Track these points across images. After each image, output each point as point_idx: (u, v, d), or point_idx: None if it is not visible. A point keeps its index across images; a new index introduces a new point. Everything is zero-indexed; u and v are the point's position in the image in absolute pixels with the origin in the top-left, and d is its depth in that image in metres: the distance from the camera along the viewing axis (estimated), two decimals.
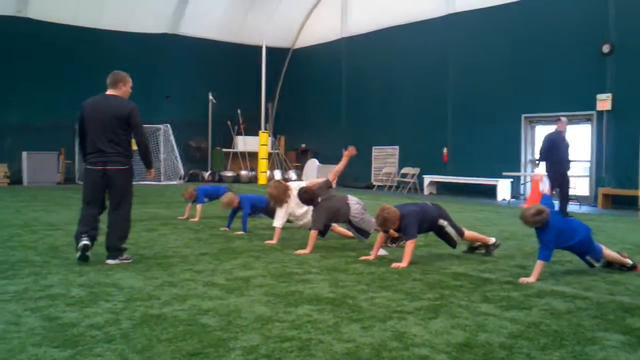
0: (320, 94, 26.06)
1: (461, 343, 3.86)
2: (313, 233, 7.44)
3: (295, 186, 8.24)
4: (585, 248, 6.23)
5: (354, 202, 7.87)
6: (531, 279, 5.79)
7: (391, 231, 7.27)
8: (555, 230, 5.96)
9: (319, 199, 7.60)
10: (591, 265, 6.34)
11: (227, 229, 9.42)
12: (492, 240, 7.43)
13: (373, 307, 4.73)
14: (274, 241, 8.07)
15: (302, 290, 5.27)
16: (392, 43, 22.43)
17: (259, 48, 23.87)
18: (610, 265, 6.51)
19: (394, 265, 6.47)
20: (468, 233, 7.26)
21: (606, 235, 9.50)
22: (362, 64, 23.97)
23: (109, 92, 6.67)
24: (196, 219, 10.63)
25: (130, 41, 24.12)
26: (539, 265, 5.88)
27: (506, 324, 4.34)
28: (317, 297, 5.02)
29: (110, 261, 6.50)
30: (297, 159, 27.23)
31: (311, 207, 7.79)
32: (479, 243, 7.44)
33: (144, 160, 6.85)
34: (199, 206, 10.83)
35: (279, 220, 8.15)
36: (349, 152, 8.21)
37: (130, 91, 6.89)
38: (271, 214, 8.87)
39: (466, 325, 4.28)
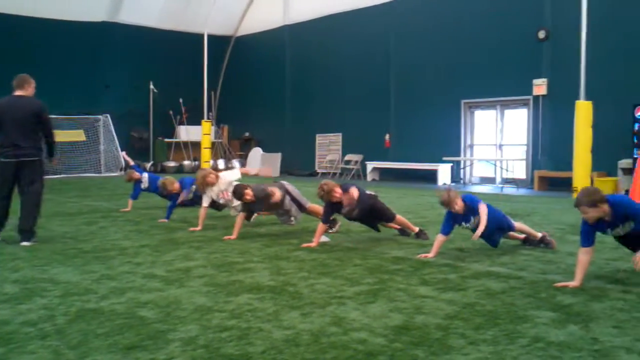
0: (263, 82, 25.93)
1: (399, 326, 3.93)
2: (239, 218, 7.69)
3: (226, 176, 8.53)
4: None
5: (287, 183, 8.14)
6: (430, 254, 6.21)
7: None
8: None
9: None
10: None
11: (165, 220, 9.38)
12: (417, 229, 7.61)
13: (313, 294, 4.77)
14: (198, 228, 8.35)
15: (243, 280, 5.27)
16: (335, 30, 22.48)
17: (201, 36, 23.57)
18: (529, 242, 6.83)
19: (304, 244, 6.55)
20: (398, 218, 7.49)
21: (541, 216, 9.79)
22: (306, 52, 23.95)
23: (18, 92, 7.33)
24: (128, 209, 10.65)
25: (67, 30, 23.47)
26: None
27: (443, 305, 4.44)
28: (258, 286, 5.03)
29: (24, 243, 7.12)
30: (240, 148, 27.07)
31: None
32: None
33: (50, 151, 7.66)
34: (130, 201, 10.77)
35: (204, 201, 8.52)
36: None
37: (34, 91, 7.49)
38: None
39: (404, 308, 4.36)
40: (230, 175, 8.63)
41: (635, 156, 13.89)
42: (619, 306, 4.37)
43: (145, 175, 10.90)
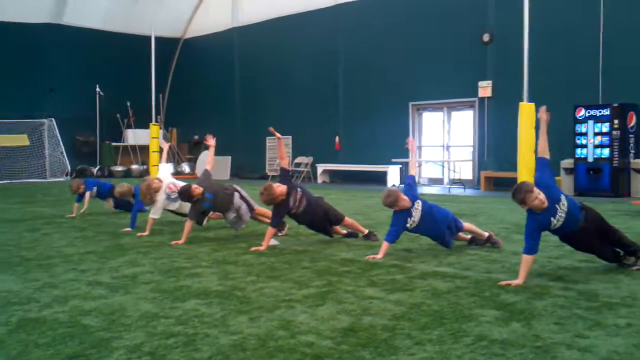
0: (213, 85, 25.73)
1: (346, 328, 3.95)
2: (188, 224, 7.56)
3: (167, 180, 8.40)
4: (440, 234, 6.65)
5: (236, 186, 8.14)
6: (379, 255, 6.24)
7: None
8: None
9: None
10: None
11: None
12: (366, 231, 7.67)
13: (261, 298, 4.75)
14: (145, 233, 8.22)
15: (191, 285, 5.22)
16: (284, 33, 22.46)
17: (148, 38, 23.22)
18: (475, 241, 6.97)
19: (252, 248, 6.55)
20: (347, 220, 7.57)
21: (487, 216, 9.98)
22: (255, 54, 23.86)
23: None
24: (73, 215, 10.37)
25: (9, 32, 22.84)
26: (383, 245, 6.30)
27: (390, 306, 4.48)
28: (206, 291, 4.99)
29: None
30: (190, 151, 26.80)
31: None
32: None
33: None
34: (87, 194, 10.49)
35: (154, 213, 8.31)
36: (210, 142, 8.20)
37: None
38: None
39: (352, 310, 4.38)
40: (165, 170, 8.56)
41: (577, 156, 14.30)
42: (560, 303, 4.48)
43: (94, 190, 10.64)
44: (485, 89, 16.84)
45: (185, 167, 25.60)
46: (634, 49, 14.11)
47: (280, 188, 6.99)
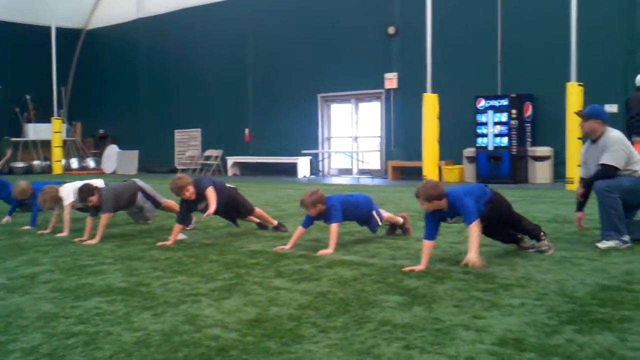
0: (118, 77, 25.04)
1: (252, 319, 3.96)
2: (104, 217, 7.27)
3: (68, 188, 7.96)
4: (368, 217, 6.70)
5: (140, 182, 7.92)
6: (329, 250, 6.11)
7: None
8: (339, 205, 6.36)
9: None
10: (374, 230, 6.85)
11: (8, 218, 8.83)
12: (276, 222, 7.72)
13: (167, 293, 4.69)
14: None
15: (93, 283, 5.08)
16: (191, 24, 22.12)
17: (48, 29, 22.34)
18: (395, 230, 7.09)
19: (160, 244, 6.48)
20: (257, 211, 7.58)
21: (394, 205, 10.21)
22: (162, 45, 23.38)
23: None
24: None
25: None
26: (333, 229, 6.25)
27: (297, 296, 4.52)
28: (109, 288, 4.87)
29: None
30: (95, 146, 25.99)
31: None
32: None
33: None
34: None
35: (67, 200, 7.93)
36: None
37: None
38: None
39: (258, 301, 4.39)
40: (71, 187, 8.08)
41: (478, 145, 14.84)
42: (459, 286, 4.65)
43: None
44: (391, 80, 17.20)
45: (90, 162, 24.84)
46: (530, 41, 14.76)
47: (192, 190, 6.86)
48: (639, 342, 3.32)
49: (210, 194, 6.91)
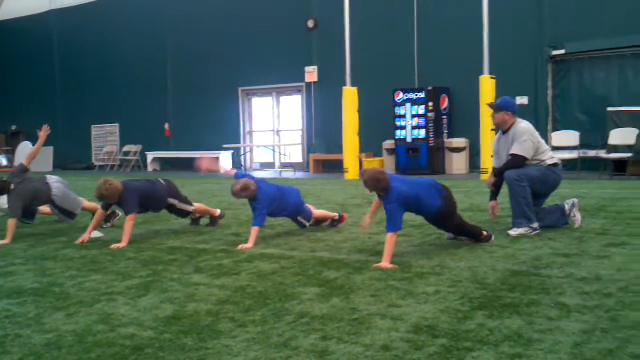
0: (31, 71, 24.05)
1: (169, 316, 3.91)
2: (11, 222, 6.92)
3: None
4: (297, 211, 6.72)
5: (54, 180, 7.48)
6: (249, 244, 6.08)
7: None
8: (267, 199, 6.34)
9: (12, 186, 7.04)
10: (303, 226, 6.84)
11: None
12: (219, 212, 7.62)
13: (81, 293, 4.57)
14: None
15: (3, 284, 4.89)
16: (107, 16, 21.48)
17: None
18: (320, 223, 7.11)
19: (113, 246, 6.32)
20: (197, 206, 7.45)
21: (315, 197, 10.27)
22: (77, 38, 22.61)
23: None
24: None
25: None
26: (254, 231, 6.18)
27: (215, 291, 4.49)
28: (19, 290, 4.70)
29: None
30: (7, 143, 24.92)
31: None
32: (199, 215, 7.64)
33: None
34: None
35: None
36: (43, 131, 7.64)
37: None
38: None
39: (176, 298, 4.34)
40: None
41: (397, 137, 15.10)
42: (377, 276, 4.74)
43: None
44: (311, 74, 17.27)
45: (2, 160, 23.82)
46: (445, 35, 15.12)
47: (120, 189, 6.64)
48: (545, 325, 3.47)
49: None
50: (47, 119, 22.96)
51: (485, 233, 5.93)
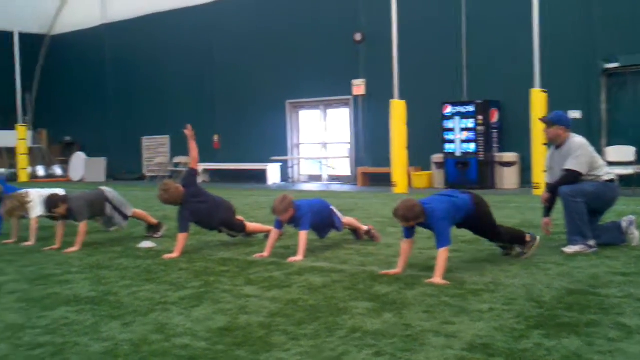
0: (84, 83, 24.69)
1: (222, 327, 3.94)
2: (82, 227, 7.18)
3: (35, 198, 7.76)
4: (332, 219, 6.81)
5: (109, 190, 7.78)
6: (298, 257, 6.11)
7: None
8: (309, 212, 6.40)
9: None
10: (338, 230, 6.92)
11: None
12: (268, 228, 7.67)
13: (136, 302, 4.65)
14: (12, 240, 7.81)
15: (60, 292, 5.01)
16: (157, 30, 21.94)
17: (11, 34, 21.97)
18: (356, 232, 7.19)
19: (166, 256, 6.42)
20: (250, 226, 7.43)
21: (363, 211, 10.24)
22: (128, 51, 23.13)
23: None
24: None
25: None
26: (302, 237, 6.24)
27: (267, 303, 4.51)
28: (76, 298, 4.81)
29: None
30: (62, 153, 25.59)
31: None
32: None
33: None
34: None
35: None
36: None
37: None
38: None
39: (228, 309, 4.38)
40: (38, 198, 7.79)
41: (446, 151, 14.97)
42: (429, 292, 4.69)
43: None
44: (359, 87, 17.28)
45: (57, 170, 24.47)
46: (494, 47, 14.96)
47: (180, 189, 6.77)
48: (605, 346, 3.38)
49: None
50: (99, 131, 23.77)
51: (528, 236, 5.91)
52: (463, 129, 14.75)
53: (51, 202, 7.13)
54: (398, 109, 13.99)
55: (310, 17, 18.12)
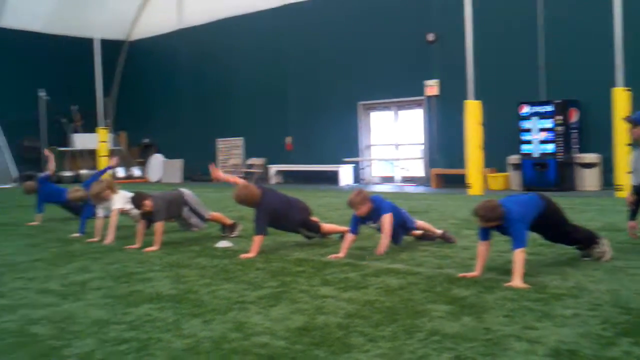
0: (161, 87, 25.40)
1: (300, 327, 3.96)
2: (159, 226, 7.38)
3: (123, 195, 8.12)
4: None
5: (187, 192, 8.00)
6: (384, 240, 6.35)
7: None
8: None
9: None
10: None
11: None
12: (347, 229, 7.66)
13: (215, 300, 4.73)
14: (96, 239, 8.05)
15: (143, 290, 5.16)
16: (230, 34, 22.34)
17: (92, 41, 22.80)
18: (426, 237, 7.13)
19: (243, 256, 6.52)
20: (325, 227, 7.47)
21: (438, 213, 10.12)
22: (203, 55, 23.66)
23: None
24: (37, 222, 10.09)
25: None
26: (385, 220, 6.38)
27: (343, 304, 4.51)
28: (158, 295, 4.94)
29: None
30: (140, 155, 26.39)
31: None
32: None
33: None
34: (39, 215, 10.24)
35: (100, 212, 8.17)
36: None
37: None
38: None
39: (305, 309, 4.40)
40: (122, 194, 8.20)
41: (523, 152, 14.61)
42: (509, 296, 4.58)
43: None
44: (432, 87, 17.09)
45: (136, 171, 25.24)
46: (573, 45, 14.50)
47: (257, 191, 6.86)
48: None
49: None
50: (175, 133, 24.34)
51: (598, 239, 5.77)
52: (541, 130, 14.35)
53: (138, 198, 7.38)
54: (473, 110, 13.75)
55: (382, 17, 18.04)
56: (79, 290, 5.21)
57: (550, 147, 14.22)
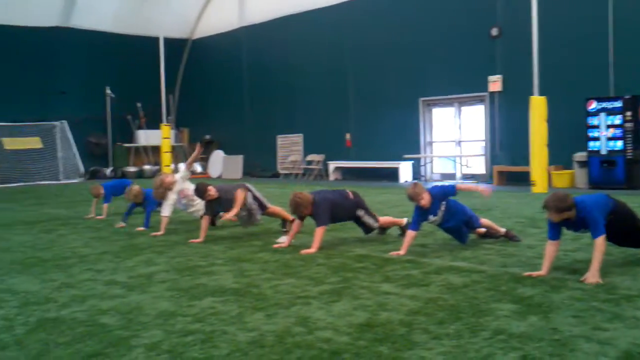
0: (222, 84, 25.78)
1: (362, 323, 3.95)
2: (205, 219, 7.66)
3: (180, 177, 8.55)
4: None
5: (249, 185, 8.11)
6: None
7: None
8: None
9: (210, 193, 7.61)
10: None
11: (123, 224, 9.19)
12: (404, 221, 7.59)
13: (277, 295, 4.76)
14: (160, 232, 8.27)
15: (206, 283, 5.24)
16: (292, 31, 22.46)
17: (156, 39, 23.30)
18: (490, 235, 7.00)
19: (303, 251, 6.54)
20: (382, 219, 7.45)
21: (501, 211, 9.92)
22: (263, 53, 23.88)
23: None
24: (103, 216, 10.38)
25: (19, 35, 22.96)
26: None
27: (406, 301, 4.47)
28: (222, 289, 5.00)
29: None
30: (202, 151, 26.82)
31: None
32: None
33: None
34: (105, 205, 10.57)
35: (165, 211, 8.39)
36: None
37: None
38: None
39: (368, 305, 4.38)
40: (179, 174, 8.66)
41: (590, 149, 14.19)
42: (577, 296, 4.46)
43: (111, 198, 10.75)
44: (495, 83, 16.77)
45: (197, 167, 25.68)
46: None
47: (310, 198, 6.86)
48: None
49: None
50: (236, 130, 24.67)
51: None
52: (609, 126, 13.91)
53: (202, 187, 7.54)
54: (538, 106, 13.42)
55: (444, 12, 17.80)
56: (145, 283, 5.32)
57: (618, 144, 13.77)
